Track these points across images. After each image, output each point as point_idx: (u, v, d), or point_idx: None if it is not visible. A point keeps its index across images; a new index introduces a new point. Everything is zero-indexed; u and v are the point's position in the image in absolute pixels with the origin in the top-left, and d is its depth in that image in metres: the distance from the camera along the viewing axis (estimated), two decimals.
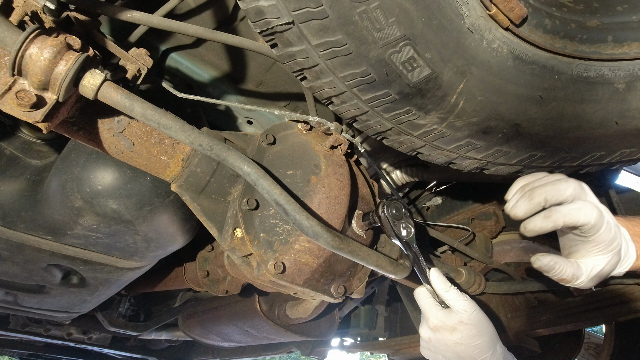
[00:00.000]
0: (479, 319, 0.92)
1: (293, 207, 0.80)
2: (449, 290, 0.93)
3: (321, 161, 1.01)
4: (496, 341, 0.94)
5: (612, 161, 1.00)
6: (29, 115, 0.72)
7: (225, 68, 1.40)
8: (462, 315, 0.91)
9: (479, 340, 0.91)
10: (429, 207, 2.04)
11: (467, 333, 0.91)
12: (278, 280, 0.91)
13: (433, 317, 0.94)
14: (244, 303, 1.77)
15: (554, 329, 1.58)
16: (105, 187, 1.16)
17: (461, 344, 0.91)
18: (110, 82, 0.76)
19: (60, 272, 1.52)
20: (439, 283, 0.94)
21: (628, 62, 0.82)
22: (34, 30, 0.70)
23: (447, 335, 0.92)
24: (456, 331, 0.91)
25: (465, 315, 0.91)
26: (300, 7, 0.73)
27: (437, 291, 0.95)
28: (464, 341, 0.91)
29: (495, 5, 0.72)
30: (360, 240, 1.04)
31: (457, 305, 0.92)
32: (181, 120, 0.81)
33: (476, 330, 0.91)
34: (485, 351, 0.91)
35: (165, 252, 1.45)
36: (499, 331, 0.98)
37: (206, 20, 1.25)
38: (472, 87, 0.80)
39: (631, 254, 0.92)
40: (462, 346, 0.91)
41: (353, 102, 0.87)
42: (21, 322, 2.38)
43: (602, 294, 1.48)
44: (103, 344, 2.71)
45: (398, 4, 0.71)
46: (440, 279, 0.95)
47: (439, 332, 0.93)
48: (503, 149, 0.94)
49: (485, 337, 0.92)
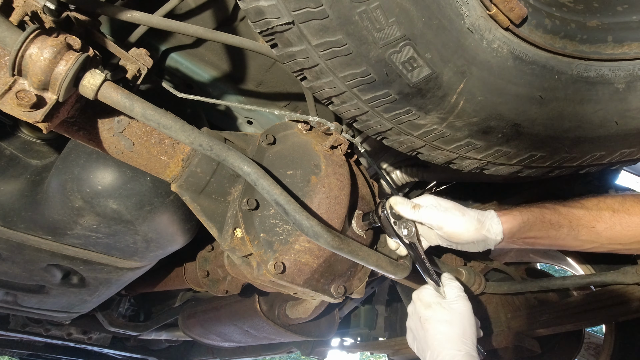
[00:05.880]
0: (459, 311, 0.95)
1: (293, 207, 0.80)
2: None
3: (321, 161, 1.01)
4: (469, 343, 0.92)
5: (612, 161, 1.00)
6: (29, 115, 0.72)
7: (225, 68, 1.40)
8: (444, 299, 0.97)
9: (448, 328, 0.92)
10: None
11: (440, 315, 0.94)
12: (278, 280, 0.91)
13: (423, 291, 1.00)
14: (244, 303, 1.77)
15: (554, 329, 1.58)
16: (105, 187, 1.16)
17: (429, 321, 0.94)
18: (110, 82, 0.76)
19: (60, 272, 1.52)
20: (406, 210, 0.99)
21: (628, 62, 0.82)
22: (34, 30, 0.70)
23: (421, 309, 0.97)
24: (430, 308, 0.96)
25: (447, 301, 0.96)
26: (300, 7, 0.73)
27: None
28: (432, 320, 0.94)
29: (495, 5, 0.72)
30: (360, 240, 1.04)
31: (446, 291, 0.98)
32: (181, 120, 0.81)
33: (449, 317, 0.93)
34: (453, 343, 0.91)
35: (165, 252, 1.45)
36: (497, 332, 0.98)
37: (206, 20, 1.25)
38: (472, 87, 0.80)
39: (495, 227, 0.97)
40: (429, 324, 0.94)
41: (353, 102, 0.87)
42: (21, 322, 2.38)
43: (602, 294, 1.48)
44: (103, 344, 2.71)
45: (398, 4, 0.71)
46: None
47: (417, 303, 0.99)
48: (503, 149, 0.94)
49: (456, 329, 0.92)
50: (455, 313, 0.94)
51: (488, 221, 0.96)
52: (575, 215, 0.98)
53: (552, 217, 0.98)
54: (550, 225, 0.98)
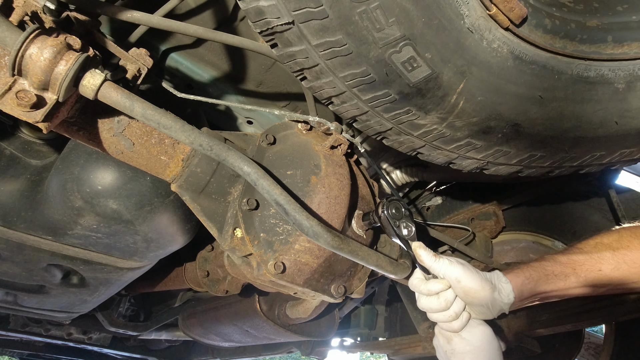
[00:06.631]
0: (480, 338, 0.94)
1: (293, 207, 0.80)
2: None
3: (321, 161, 1.01)
4: None
5: (612, 161, 1.00)
6: (29, 115, 0.72)
7: (225, 68, 1.40)
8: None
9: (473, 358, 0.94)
10: (429, 207, 2.04)
11: (461, 347, 0.95)
12: (278, 280, 0.91)
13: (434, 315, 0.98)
14: (244, 303, 1.77)
15: (554, 329, 1.58)
16: (105, 187, 1.16)
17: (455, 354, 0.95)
18: (110, 82, 0.76)
19: (60, 272, 1.52)
20: (427, 256, 0.97)
21: (628, 62, 0.82)
22: (34, 30, 0.70)
23: (445, 344, 0.98)
24: (452, 341, 0.96)
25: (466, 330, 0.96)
26: (300, 7, 0.73)
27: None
28: (457, 354, 0.95)
29: (495, 5, 0.72)
30: (360, 240, 1.04)
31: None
32: (181, 120, 0.81)
33: (470, 348, 0.94)
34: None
35: (165, 252, 1.45)
36: (497, 332, 0.99)
37: (206, 20, 1.25)
38: (472, 87, 0.80)
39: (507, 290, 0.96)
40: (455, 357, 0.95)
41: (353, 102, 0.87)
42: (21, 322, 2.38)
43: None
44: (103, 344, 2.71)
45: (398, 4, 0.71)
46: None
47: (440, 338, 1.00)
48: (503, 149, 0.94)
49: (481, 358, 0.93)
50: (477, 342, 0.94)
51: (497, 282, 0.95)
52: (576, 261, 0.96)
53: (554, 268, 0.96)
54: (555, 277, 0.95)
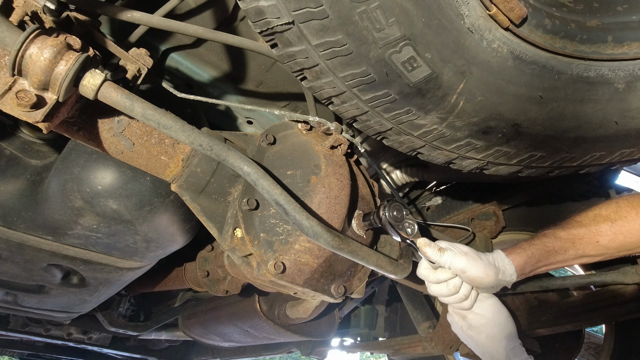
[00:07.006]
0: (491, 311, 1.01)
1: (293, 207, 0.80)
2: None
3: (321, 161, 1.01)
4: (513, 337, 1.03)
5: (612, 161, 1.00)
6: (29, 115, 0.72)
7: (225, 68, 1.40)
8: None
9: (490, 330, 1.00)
10: (429, 207, 2.04)
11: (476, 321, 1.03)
12: (278, 280, 0.91)
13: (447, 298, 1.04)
14: (244, 303, 1.77)
15: (554, 329, 1.58)
16: (105, 187, 1.16)
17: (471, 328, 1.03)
18: (110, 82, 0.76)
19: (60, 272, 1.52)
20: (432, 253, 1.00)
21: (628, 62, 0.82)
22: (34, 30, 0.70)
23: (459, 320, 1.05)
24: (466, 318, 1.04)
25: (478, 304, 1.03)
26: (300, 7, 0.73)
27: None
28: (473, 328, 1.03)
29: (495, 5, 0.72)
30: (360, 240, 1.04)
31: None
32: (181, 120, 0.81)
33: (485, 321, 1.01)
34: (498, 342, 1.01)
35: (165, 252, 1.45)
36: None
37: (206, 20, 1.25)
38: (472, 87, 0.80)
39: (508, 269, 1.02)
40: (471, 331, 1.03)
41: (353, 102, 0.87)
42: (21, 322, 2.38)
43: (602, 294, 1.48)
44: (103, 344, 2.71)
45: (398, 4, 0.71)
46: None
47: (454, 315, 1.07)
48: (503, 149, 0.94)
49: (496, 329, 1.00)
50: (489, 314, 1.01)
51: (500, 264, 1.00)
52: (576, 235, 1.02)
53: (554, 244, 1.02)
54: (555, 252, 1.02)
